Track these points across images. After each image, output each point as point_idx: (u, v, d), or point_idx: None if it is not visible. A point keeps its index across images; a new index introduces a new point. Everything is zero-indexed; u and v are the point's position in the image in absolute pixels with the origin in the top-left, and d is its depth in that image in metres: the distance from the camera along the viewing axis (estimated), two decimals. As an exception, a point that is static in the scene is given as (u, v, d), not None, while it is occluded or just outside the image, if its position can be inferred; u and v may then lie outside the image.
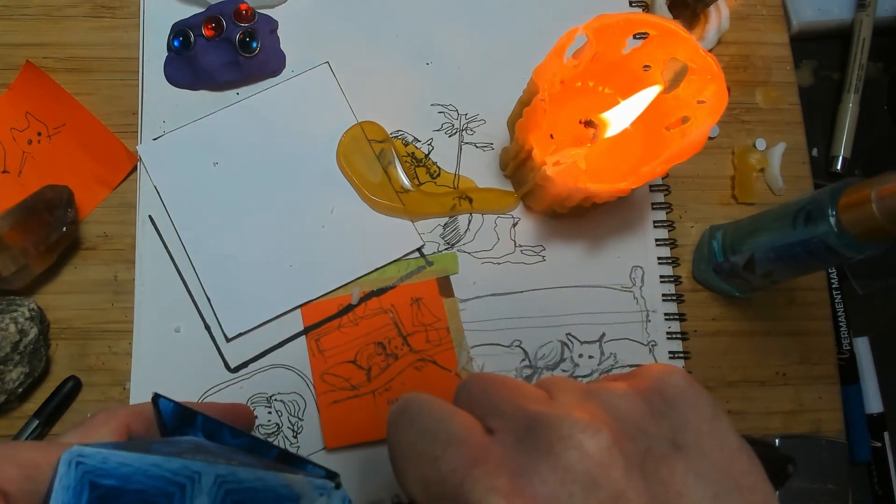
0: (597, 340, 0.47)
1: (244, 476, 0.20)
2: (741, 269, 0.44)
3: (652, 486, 0.18)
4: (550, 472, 0.18)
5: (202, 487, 0.20)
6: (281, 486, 0.21)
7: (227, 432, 0.24)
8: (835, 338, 0.50)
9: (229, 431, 0.24)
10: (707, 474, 0.19)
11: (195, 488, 0.20)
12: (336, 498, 0.22)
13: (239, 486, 0.20)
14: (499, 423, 0.21)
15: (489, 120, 0.50)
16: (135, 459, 0.19)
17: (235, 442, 0.24)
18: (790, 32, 0.55)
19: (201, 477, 0.20)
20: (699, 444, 0.19)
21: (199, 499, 0.19)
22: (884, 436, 0.50)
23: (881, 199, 0.34)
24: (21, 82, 0.48)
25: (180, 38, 0.49)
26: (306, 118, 0.49)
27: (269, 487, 0.20)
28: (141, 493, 0.19)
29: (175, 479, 0.19)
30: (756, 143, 0.52)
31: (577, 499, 0.18)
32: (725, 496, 0.18)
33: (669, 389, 0.21)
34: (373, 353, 0.46)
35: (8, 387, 0.42)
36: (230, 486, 0.20)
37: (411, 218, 0.48)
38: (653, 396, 0.21)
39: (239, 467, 0.20)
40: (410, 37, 0.51)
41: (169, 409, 0.24)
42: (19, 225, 0.43)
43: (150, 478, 0.19)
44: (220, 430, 0.24)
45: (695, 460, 0.19)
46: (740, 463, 0.19)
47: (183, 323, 0.46)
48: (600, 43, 0.41)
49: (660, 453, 0.19)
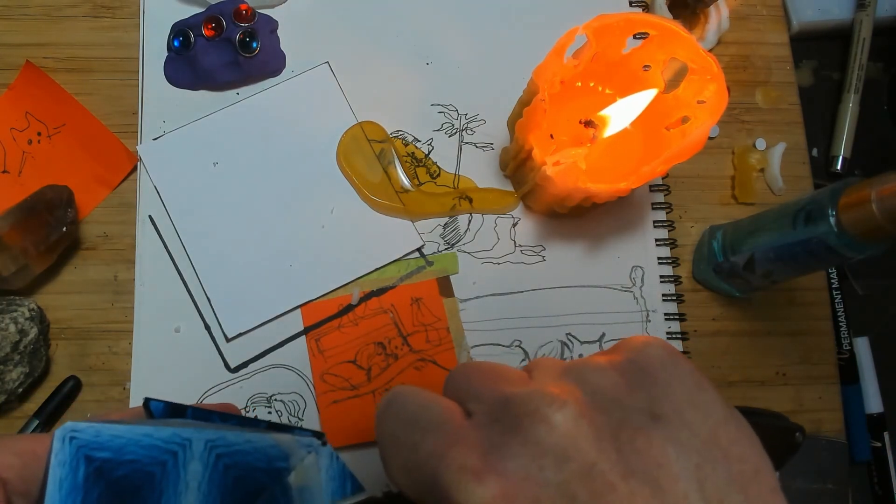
0: (597, 340, 0.47)
1: (233, 439, 0.21)
2: (741, 269, 0.44)
3: (627, 457, 0.18)
4: (520, 448, 0.18)
5: (194, 453, 0.20)
6: (270, 447, 0.21)
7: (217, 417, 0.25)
8: (835, 338, 0.50)
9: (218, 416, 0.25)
10: (689, 444, 0.18)
11: (187, 454, 0.20)
12: (324, 454, 0.22)
13: (229, 450, 0.20)
14: (476, 406, 0.21)
15: (489, 120, 0.50)
16: (126, 431, 0.19)
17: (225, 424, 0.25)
18: (790, 32, 0.55)
19: (192, 443, 0.20)
20: (680, 415, 0.19)
21: (191, 464, 0.20)
22: (884, 436, 0.50)
23: (881, 199, 0.34)
24: (21, 82, 0.48)
25: (180, 38, 0.49)
26: (306, 118, 0.49)
27: (259, 448, 0.21)
28: (135, 464, 0.19)
29: (167, 448, 0.20)
30: (756, 143, 0.52)
31: (548, 472, 0.18)
32: (710, 465, 0.18)
33: (648, 360, 0.20)
34: (373, 353, 0.46)
35: (8, 387, 0.42)
36: (220, 450, 0.20)
37: (411, 218, 0.48)
38: (629, 367, 0.21)
39: (228, 431, 0.21)
40: (410, 37, 0.51)
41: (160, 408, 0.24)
42: (19, 225, 0.43)
43: (142, 448, 0.20)
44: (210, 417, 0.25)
45: (675, 430, 0.19)
46: (727, 432, 0.19)
47: (183, 323, 0.46)
48: (600, 43, 0.41)
49: (635, 425, 0.19)
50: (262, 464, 0.21)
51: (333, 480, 0.22)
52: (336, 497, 0.22)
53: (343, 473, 0.22)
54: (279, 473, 0.21)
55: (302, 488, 0.21)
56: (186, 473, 0.20)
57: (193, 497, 0.20)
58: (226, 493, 0.20)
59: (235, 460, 0.20)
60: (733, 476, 0.18)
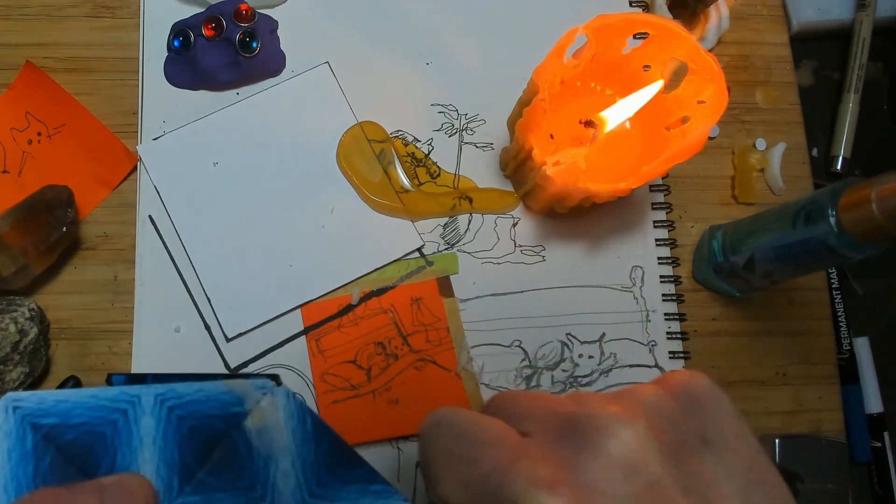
0: (597, 340, 0.47)
1: (184, 391, 0.21)
2: (741, 269, 0.44)
3: (684, 475, 0.19)
4: (591, 461, 0.19)
5: (144, 408, 0.20)
6: (222, 394, 0.21)
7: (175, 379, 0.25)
8: (835, 338, 0.50)
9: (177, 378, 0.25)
10: (735, 468, 0.20)
11: (137, 410, 0.20)
12: (279, 393, 0.22)
13: (181, 401, 0.20)
14: (532, 426, 0.22)
15: (489, 120, 0.50)
16: (71, 395, 0.19)
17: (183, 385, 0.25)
18: (790, 32, 0.55)
19: (141, 399, 0.20)
20: (725, 441, 0.20)
21: (143, 420, 0.20)
22: (884, 436, 0.50)
23: (881, 199, 0.34)
24: (21, 82, 0.48)
25: (180, 38, 0.49)
26: (306, 118, 0.49)
27: (211, 396, 0.21)
28: (85, 426, 0.19)
29: (115, 406, 0.20)
30: (756, 143, 0.52)
31: (617, 484, 0.19)
32: (753, 489, 0.19)
33: (696, 389, 0.22)
34: (373, 353, 0.46)
35: (8, 387, 0.42)
36: (172, 402, 0.20)
37: (411, 218, 0.48)
38: (681, 395, 0.22)
39: (176, 383, 0.21)
40: (410, 37, 0.51)
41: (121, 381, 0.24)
42: (19, 225, 0.43)
43: (89, 409, 0.20)
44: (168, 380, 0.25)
45: (722, 455, 0.20)
46: (763, 461, 0.20)
47: (183, 323, 0.46)
48: (600, 43, 0.41)
49: (690, 446, 0.20)
50: (217, 411, 0.21)
51: (292, 418, 0.22)
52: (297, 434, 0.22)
53: (301, 410, 0.22)
54: (236, 418, 0.21)
55: (261, 429, 0.21)
56: (139, 429, 0.20)
57: (149, 451, 0.20)
58: (182, 443, 0.20)
59: (188, 410, 0.20)
60: (771, 500, 0.20)
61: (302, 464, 0.22)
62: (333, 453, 0.22)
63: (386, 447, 0.45)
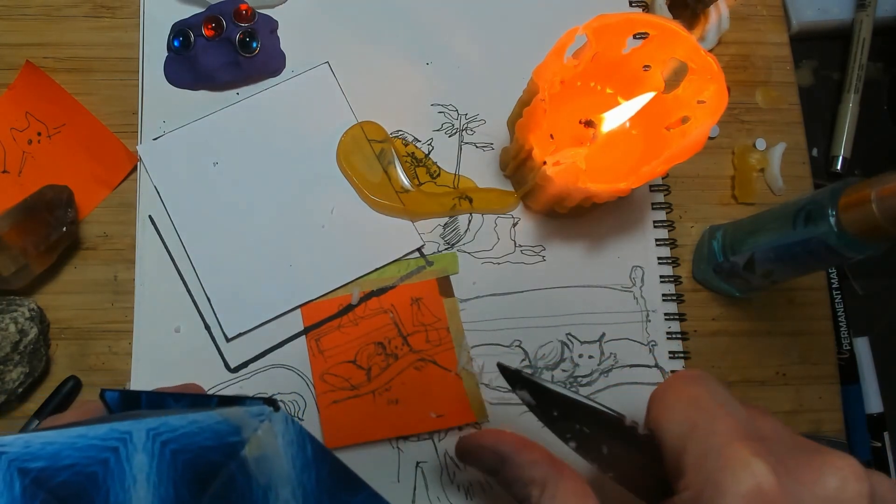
0: (597, 340, 0.47)
1: (177, 423, 0.20)
2: (741, 269, 0.44)
3: None
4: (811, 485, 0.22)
5: (136, 445, 0.19)
6: (217, 423, 0.20)
7: (170, 399, 0.24)
8: (835, 338, 0.50)
9: (171, 398, 0.24)
10: None
11: (129, 447, 0.19)
12: (277, 420, 0.21)
13: (174, 435, 0.20)
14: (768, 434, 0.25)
15: (489, 120, 0.50)
16: (58, 436, 0.19)
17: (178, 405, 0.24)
18: (790, 32, 0.55)
19: (132, 435, 0.19)
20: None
21: (135, 458, 0.19)
22: (884, 436, 0.50)
23: (881, 199, 0.34)
24: (21, 82, 0.48)
25: (180, 38, 0.49)
26: (306, 118, 0.49)
27: (206, 427, 0.20)
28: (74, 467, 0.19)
29: (105, 445, 0.19)
30: (756, 143, 0.52)
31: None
32: None
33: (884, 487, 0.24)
34: (373, 353, 0.46)
35: (8, 387, 0.42)
36: (165, 436, 0.19)
37: (411, 218, 0.48)
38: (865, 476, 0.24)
39: (169, 416, 0.20)
40: (410, 37, 0.51)
41: (115, 398, 0.23)
42: (19, 225, 0.43)
43: (78, 450, 0.19)
44: (163, 400, 0.24)
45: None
46: None
47: (183, 323, 0.46)
48: (600, 43, 0.41)
49: None
50: (212, 442, 0.20)
51: (292, 444, 0.21)
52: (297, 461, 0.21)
53: (301, 435, 0.22)
54: (232, 448, 0.20)
55: (259, 458, 0.21)
56: (132, 467, 0.19)
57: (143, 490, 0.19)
58: (177, 478, 0.19)
59: (182, 444, 0.20)
60: None
61: (303, 492, 0.21)
62: (335, 479, 0.22)
63: (386, 447, 0.45)
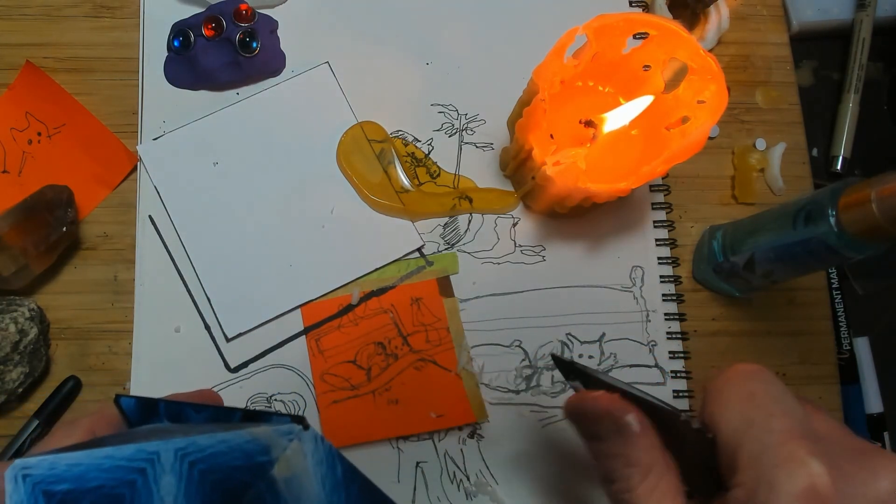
0: (597, 340, 0.47)
1: (205, 443, 0.19)
2: (741, 269, 0.44)
3: None
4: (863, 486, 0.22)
5: (164, 466, 0.19)
6: (246, 443, 0.20)
7: (190, 409, 0.23)
8: (835, 338, 0.50)
9: (191, 408, 0.23)
10: None
11: (157, 469, 0.19)
12: (307, 438, 0.21)
13: (202, 455, 0.19)
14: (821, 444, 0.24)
15: (489, 120, 0.50)
16: (84, 457, 0.18)
17: (199, 417, 0.23)
18: (790, 32, 0.55)
19: (160, 456, 0.19)
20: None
21: (164, 479, 0.19)
22: (884, 436, 0.50)
23: (881, 199, 0.34)
24: (21, 82, 0.48)
25: (180, 38, 0.49)
26: (306, 118, 0.49)
27: (235, 447, 0.20)
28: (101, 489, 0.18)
29: (133, 465, 0.18)
30: (756, 143, 0.52)
31: None
32: None
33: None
34: (373, 353, 0.46)
35: (8, 387, 0.42)
36: (193, 457, 0.19)
37: (411, 218, 0.48)
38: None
39: (197, 436, 0.19)
40: (410, 37, 0.51)
41: (131, 405, 0.23)
42: (19, 225, 0.43)
43: (105, 471, 0.18)
44: (183, 410, 0.23)
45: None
46: None
47: (183, 323, 0.46)
48: (600, 43, 0.41)
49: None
50: (241, 461, 0.19)
51: (322, 464, 0.21)
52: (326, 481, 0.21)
53: (331, 454, 0.21)
54: (262, 468, 0.20)
55: (289, 479, 0.20)
56: (160, 488, 0.18)
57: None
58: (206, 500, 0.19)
59: (211, 464, 0.19)
60: None
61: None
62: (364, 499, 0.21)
63: (386, 447, 0.45)
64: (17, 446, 0.43)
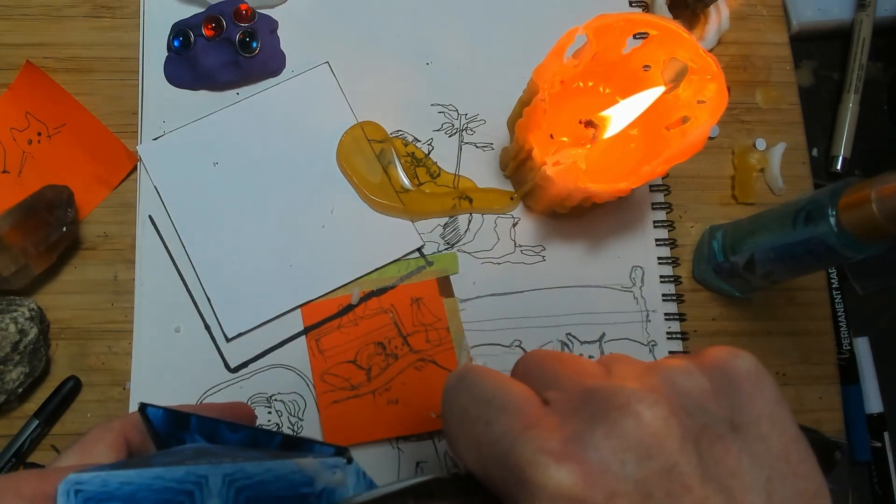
0: (597, 340, 0.47)
1: (253, 470, 0.20)
2: (741, 269, 0.44)
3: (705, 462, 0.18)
4: (604, 440, 0.18)
5: (211, 490, 0.19)
6: (292, 473, 0.20)
7: (225, 428, 0.24)
8: (835, 338, 0.50)
9: (227, 427, 0.23)
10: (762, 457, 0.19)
11: (204, 492, 0.19)
12: (350, 473, 0.21)
13: (250, 482, 0.19)
14: (555, 394, 0.21)
15: (489, 120, 0.50)
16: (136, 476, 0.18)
17: (235, 437, 0.24)
18: (790, 32, 0.55)
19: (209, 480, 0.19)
20: (758, 427, 0.19)
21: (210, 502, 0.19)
22: (884, 436, 0.50)
23: (881, 199, 0.34)
24: (21, 82, 0.48)
25: (180, 38, 0.49)
26: (306, 118, 0.49)
27: (281, 476, 0.20)
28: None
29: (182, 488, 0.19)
30: (756, 143, 0.52)
31: (629, 467, 0.18)
32: (779, 480, 0.19)
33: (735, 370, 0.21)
34: (373, 353, 0.46)
35: (8, 387, 0.42)
36: (240, 483, 0.19)
37: (411, 218, 0.48)
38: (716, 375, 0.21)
39: (245, 463, 0.20)
40: (410, 37, 0.51)
41: (159, 415, 0.23)
42: (19, 225, 0.43)
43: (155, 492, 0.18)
44: (217, 428, 0.23)
45: (751, 442, 0.19)
46: (797, 450, 0.20)
47: (183, 323, 0.46)
48: (600, 43, 0.41)
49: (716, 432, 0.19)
50: (286, 491, 0.20)
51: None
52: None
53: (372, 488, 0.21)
54: (305, 499, 0.20)
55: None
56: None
57: None
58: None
59: (257, 492, 0.19)
60: (798, 493, 0.19)
61: None
62: None
63: (386, 447, 0.45)
64: (17, 446, 0.43)
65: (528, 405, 0.21)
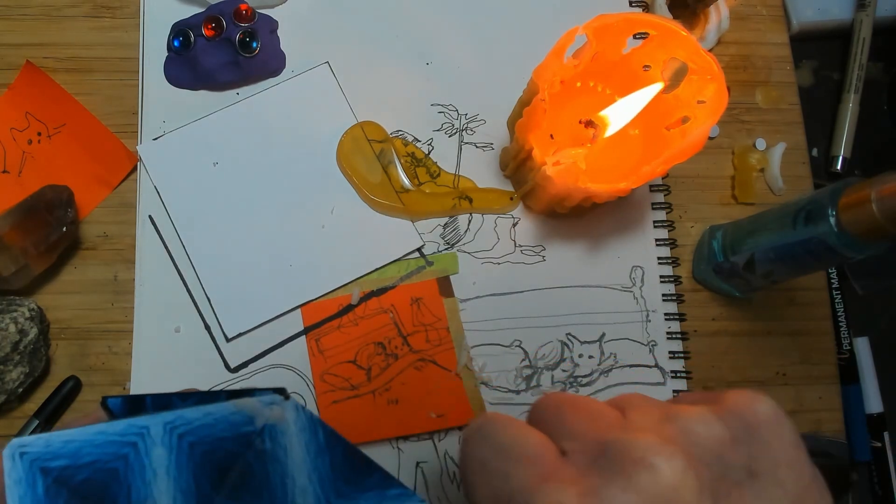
0: (597, 340, 0.47)
1: (192, 416, 0.20)
2: (741, 269, 0.44)
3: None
4: (621, 493, 0.18)
5: (154, 439, 0.20)
6: (231, 414, 0.21)
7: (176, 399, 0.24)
8: (835, 338, 0.50)
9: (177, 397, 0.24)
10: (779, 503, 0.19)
11: (147, 442, 0.19)
12: (288, 408, 0.21)
13: (190, 427, 0.20)
14: (572, 444, 0.21)
15: (489, 120, 0.50)
16: (78, 434, 0.19)
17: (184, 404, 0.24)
18: (790, 32, 0.55)
19: (150, 430, 0.20)
20: (775, 473, 0.20)
21: (154, 451, 0.19)
22: (884, 436, 0.50)
23: (881, 199, 0.34)
24: (21, 82, 0.48)
25: (180, 38, 0.49)
26: (306, 118, 0.49)
27: (221, 419, 0.20)
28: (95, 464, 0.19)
29: (125, 440, 0.19)
30: (756, 143, 0.52)
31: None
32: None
33: (753, 416, 0.21)
34: (373, 353, 0.46)
35: (8, 387, 0.42)
36: (182, 429, 0.20)
37: (411, 218, 0.48)
38: (734, 421, 0.21)
39: (184, 410, 0.20)
40: (410, 37, 0.51)
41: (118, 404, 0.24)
42: (19, 225, 0.43)
43: (97, 446, 0.19)
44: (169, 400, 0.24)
45: (768, 488, 0.19)
46: (812, 494, 0.20)
47: (183, 323, 0.46)
48: (600, 43, 0.41)
49: (733, 480, 0.19)
50: (228, 432, 0.20)
51: (304, 431, 0.21)
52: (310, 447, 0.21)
53: (312, 422, 0.22)
54: (247, 438, 0.21)
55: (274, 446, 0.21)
56: (151, 461, 0.19)
57: (164, 483, 0.19)
58: (196, 470, 0.20)
59: (199, 436, 0.20)
60: None
61: (318, 477, 0.21)
62: (348, 462, 0.22)
63: (386, 447, 0.45)
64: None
65: (545, 455, 0.21)
